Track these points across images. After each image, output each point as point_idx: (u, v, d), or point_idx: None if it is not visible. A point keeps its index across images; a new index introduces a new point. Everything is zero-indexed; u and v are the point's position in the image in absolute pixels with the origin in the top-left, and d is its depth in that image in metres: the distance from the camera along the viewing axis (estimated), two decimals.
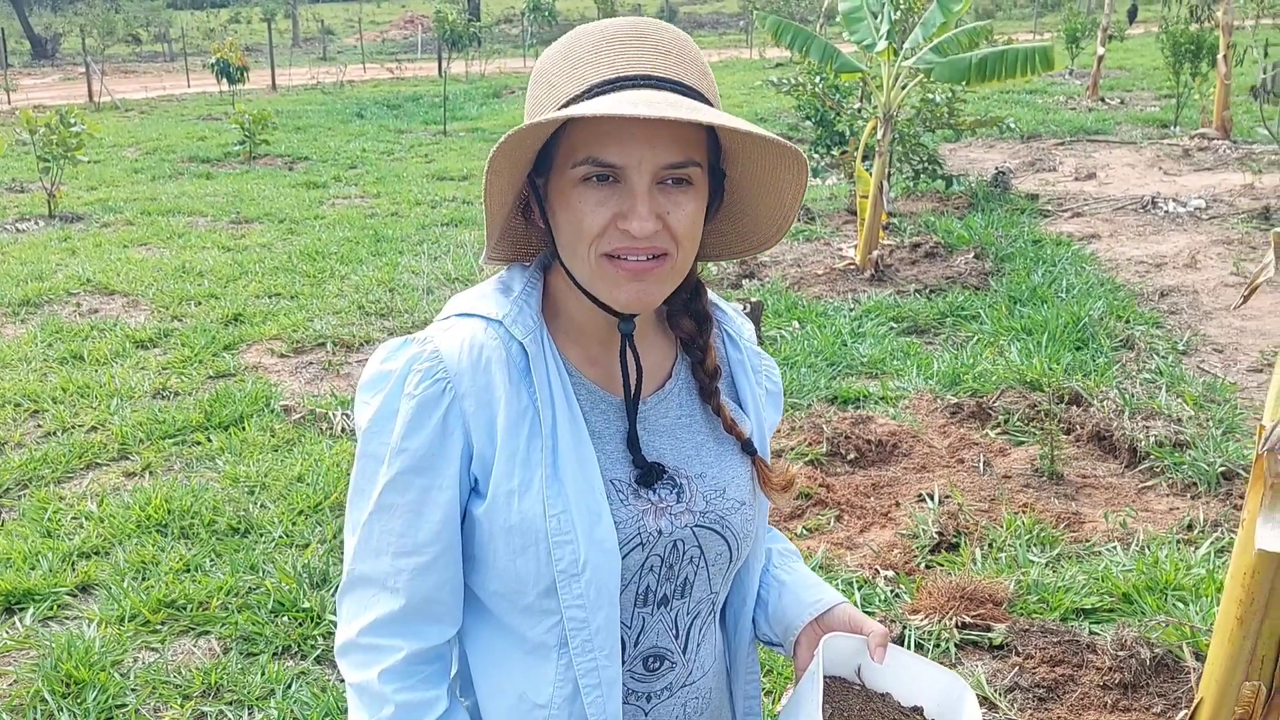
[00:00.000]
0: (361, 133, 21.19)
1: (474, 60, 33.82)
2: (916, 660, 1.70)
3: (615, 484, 1.57)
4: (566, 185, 1.50)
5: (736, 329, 1.78)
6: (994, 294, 9.03)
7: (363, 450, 1.57)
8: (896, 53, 9.82)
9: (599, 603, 1.52)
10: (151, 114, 25.57)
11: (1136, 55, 30.98)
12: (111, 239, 12.03)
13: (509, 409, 1.52)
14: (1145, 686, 4.05)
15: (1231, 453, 5.84)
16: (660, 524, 1.58)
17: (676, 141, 1.47)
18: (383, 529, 1.55)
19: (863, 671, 1.70)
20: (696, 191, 1.51)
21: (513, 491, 1.52)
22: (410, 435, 1.53)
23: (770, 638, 1.80)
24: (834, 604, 1.74)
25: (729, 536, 1.64)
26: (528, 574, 1.53)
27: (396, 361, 1.56)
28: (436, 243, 11.63)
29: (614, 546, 1.53)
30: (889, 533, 5.24)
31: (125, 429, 6.58)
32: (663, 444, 1.63)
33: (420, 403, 1.52)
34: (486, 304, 1.59)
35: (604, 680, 1.55)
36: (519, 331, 1.55)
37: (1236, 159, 15.21)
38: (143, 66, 41.44)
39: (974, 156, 16.57)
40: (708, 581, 1.66)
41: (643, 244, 1.47)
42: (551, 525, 1.50)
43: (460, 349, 1.54)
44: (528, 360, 1.55)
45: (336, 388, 7.38)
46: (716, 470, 1.65)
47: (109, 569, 5.02)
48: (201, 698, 4.15)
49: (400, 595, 1.55)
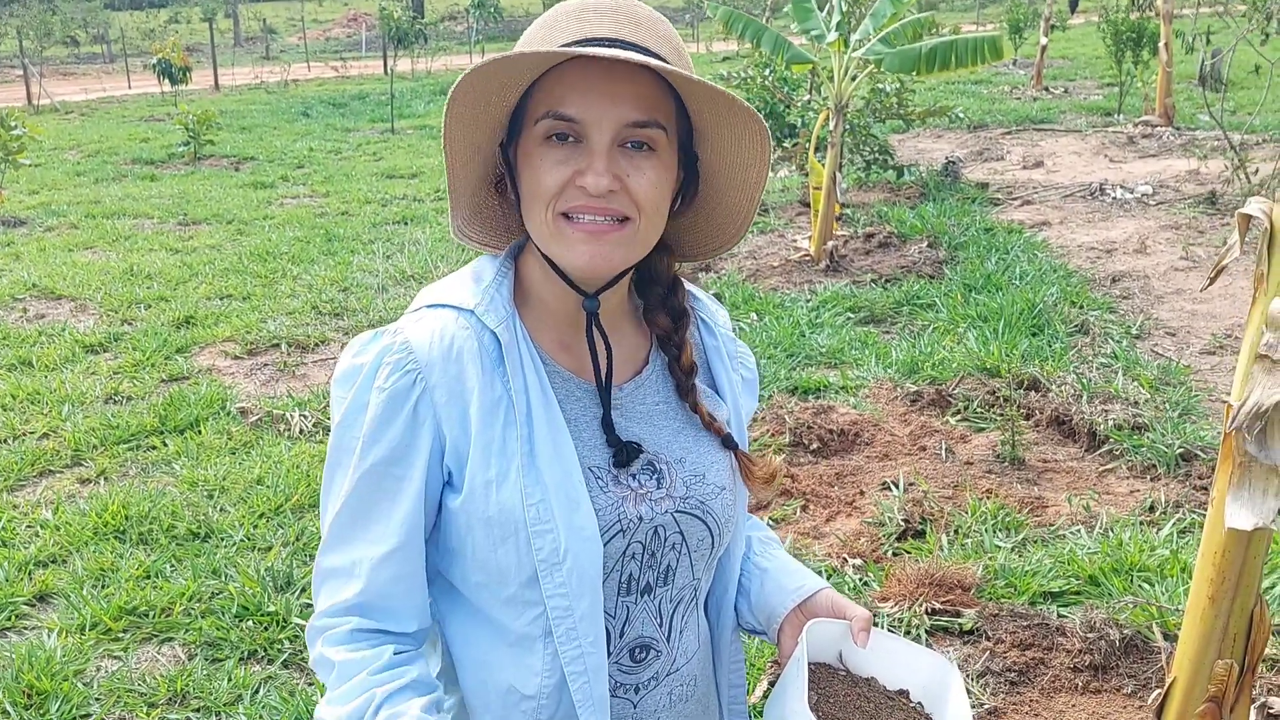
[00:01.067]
0: (308, 132, 21.00)
1: (420, 58, 33.62)
2: (901, 643, 1.69)
3: (594, 470, 1.56)
4: (530, 145, 1.50)
5: (712, 315, 1.78)
6: (949, 282, 9.08)
7: (335, 444, 1.57)
8: (846, 44, 9.85)
9: (581, 591, 1.51)
10: (92, 116, 25.21)
11: (1079, 44, 31.28)
12: (56, 243, 11.85)
13: (482, 399, 1.51)
14: (1115, 667, 4.09)
15: (1189, 434, 5.90)
16: (640, 510, 1.57)
17: (639, 99, 1.47)
18: (354, 518, 1.56)
19: (846, 656, 1.69)
20: (661, 160, 1.51)
21: (490, 482, 1.51)
22: (381, 428, 1.52)
23: (754, 626, 1.80)
24: (817, 589, 1.74)
25: (710, 522, 1.64)
26: (509, 565, 1.52)
27: (367, 355, 1.55)
28: (389, 241, 11.54)
29: (595, 534, 1.52)
30: (855, 521, 5.25)
31: (78, 435, 6.48)
32: (640, 430, 1.62)
33: (390, 395, 1.52)
34: (458, 293, 1.58)
35: (589, 668, 1.54)
36: (491, 320, 1.54)
37: (1180, 145, 15.39)
38: (82, 68, 40.84)
39: (923, 146, 16.66)
40: (690, 568, 1.65)
41: (599, 204, 1.46)
42: (530, 515, 1.49)
43: (431, 340, 1.53)
44: (500, 349, 1.54)
45: (293, 389, 7.30)
46: (696, 455, 1.65)
47: (67, 577, 4.94)
48: (167, 705, 4.09)
49: (359, 581, 1.55)
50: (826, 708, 1.59)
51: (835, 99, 9.97)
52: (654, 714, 1.67)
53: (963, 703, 1.59)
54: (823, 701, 1.59)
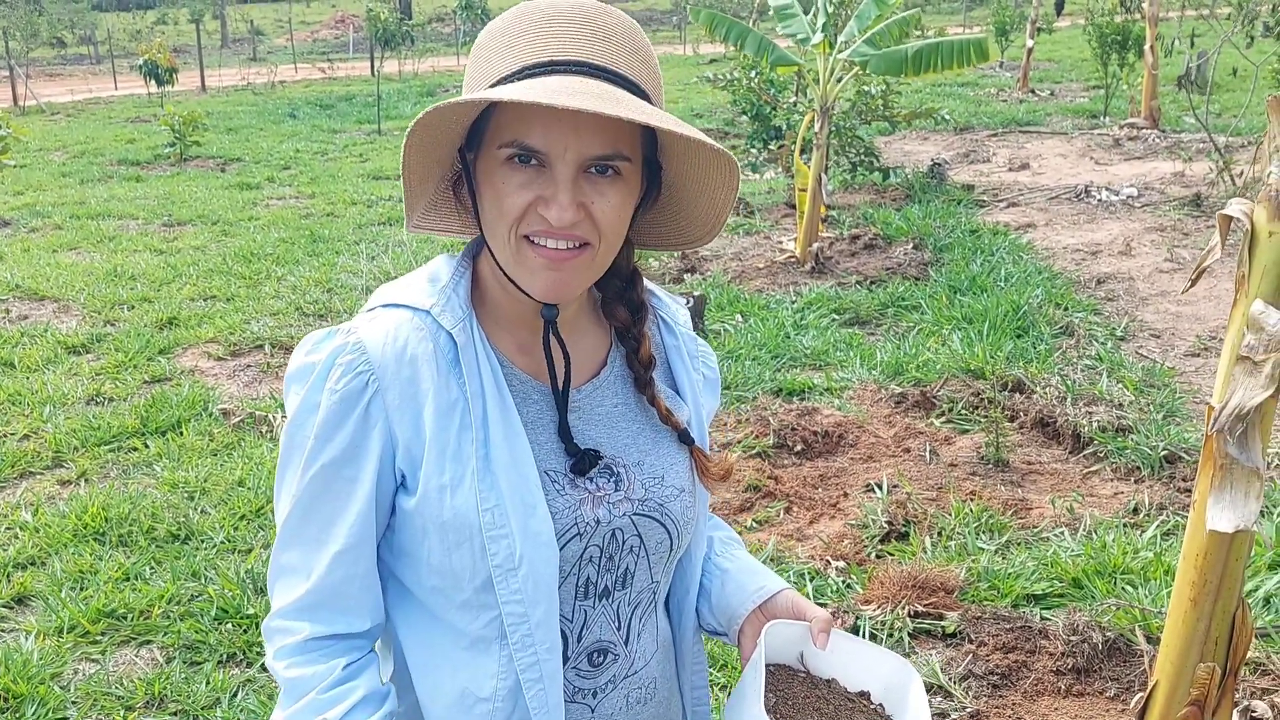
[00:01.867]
0: (294, 133, 20.95)
1: (407, 59, 33.57)
2: (861, 645, 1.68)
3: (550, 474, 1.55)
4: (492, 164, 1.47)
5: (672, 314, 1.76)
6: (934, 284, 9.08)
7: (286, 442, 1.55)
8: (832, 46, 9.84)
9: (537, 598, 1.50)
10: (79, 117, 25.12)
11: (1065, 47, 31.34)
12: (40, 244, 11.79)
13: (437, 401, 1.50)
14: (1098, 670, 4.08)
15: (1173, 436, 5.90)
16: (598, 513, 1.56)
17: (604, 132, 1.43)
18: (304, 519, 1.54)
19: (807, 658, 1.68)
20: (625, 184, 1.48)
21: (444, 487, 1.49)
22: (331, 429, 1.51)
23: (715, 627, 1.78)
24: (777, 591, 1.72)
25: (669, 524, 1.62)
26: (463, 569, 1.51)
27: (320, 354, 1.53)
28: (374, 242, 11.51)
29: (551, 539, 1.50)
30: (838, 523, 5.23)
31: (59, 436, 6.44)
32: (598, 433, 1.61)
33: (342, 397, 1.50)
34: (413, 294, 1.56)
35: (545, 674, 1.53)
36: (447, 321, 1.52)
37: (1166, 148, 15.41)
38: (68, 69, 40.71)
39: (909, 149, 16.68)
40: (649, 571, 1.64)
41: (562, 231, 1.44)
42: (485, 520, 1.48)
43: (385, 340, 1.51)
44: (457, 350, 1.52)
45: (276, 390, 7.27)
46: (654, 458, 1.63)
47: (46, 579, 4.90)
48: (145, 708, 4.06)
49: (311, 581, 1.54)
50: (785, 710, 1.57)
51: (821, 101, 9.97)
52: (610, 717, 1.66)
53: (922, 705, 1.58)
54: (781, 704, 1.58)
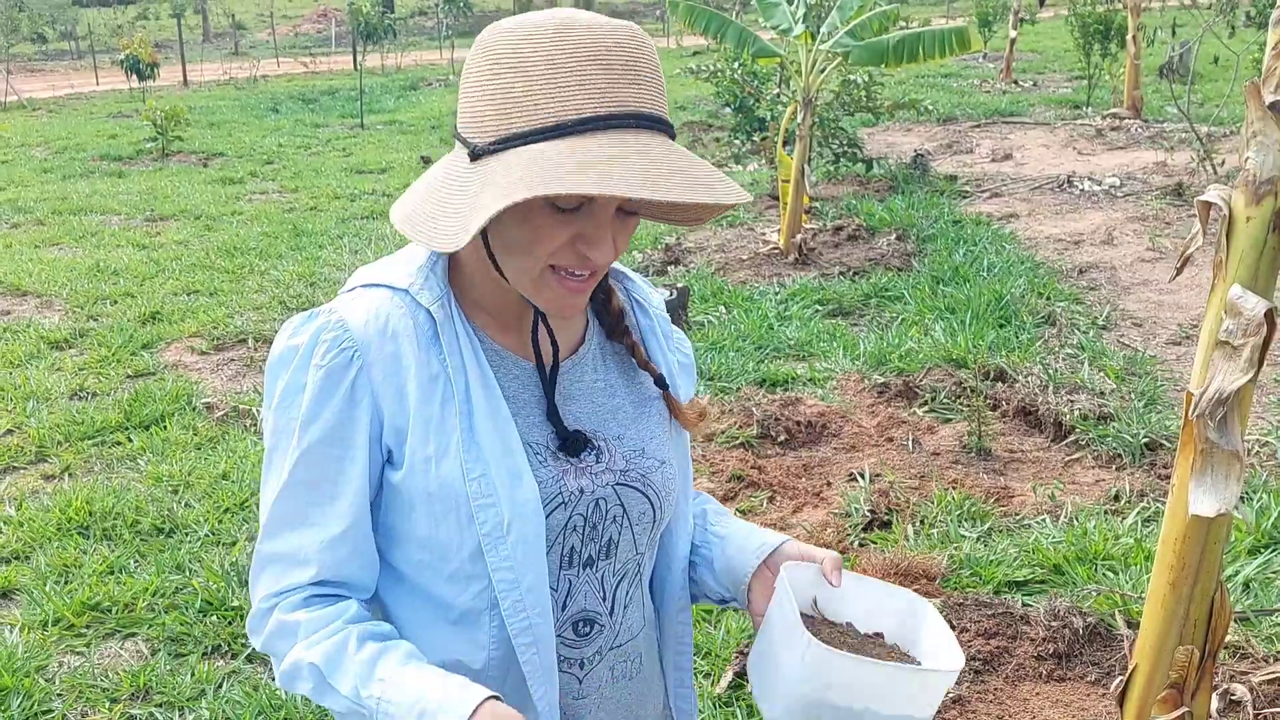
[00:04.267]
0: (277, 128, 20.87)
1: (390, 53, 33.47)
2: (873, 583, 1.69)
3: (533, 446, 1.57)
4: (529, 203, 1.41)
5: (645, 296, 1.79)
6: (917, 274, 9.10)
7: (274, 427, 1.55)
8: (814, 36, 9.85)
9: (527, 563, 1.52)
10: (60, 112, 24.99)
11: (1047, 38, 31.38)
12: (22, 239, 11.74)
13: (419, 376, 1.51)
14: (1079, 655, 4.10)
15: (1154, 424, 5.93)
16: (581, 483, 1.59)
17: None
18: (295, 501, 1.54)
19: (820, 603, 1.68)
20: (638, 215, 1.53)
21: (429, 458, 1.51)
22: (319, 405, 1.51)
23: (721, 594, 1.79)
24: (780, 543, 1.74)
25: (650, 494, 1.65)
26: (450, 540, 1.52)
27: (302, 336, 1.54)
28: (357, 236, 11.50)
29: (538, 506, 1.52)
30: (822, 512, 5.25)
31: (42, 431, 6.43)
32: (579, 409, 1.64)
33: (328, 372, 1.51)
34: (391, 273, 1.58)
35: (538, 638, 1.55)
36: (425, 298, 1.54)
37: (1148, 137, 15.47)
38: (50, 65, 40.48)
39: (892, 140, 16.70)
40: (633, 542, 1.66)
41: (591, 265, 1.47)
42: (472, 489, 1.50)
43: (366, 317, 1.53)
44: (435, 327, 1.54)
45: (259, 384, 7.25)
46: (635, 431, 1.66)
47: (29, 573, 4.90)
48: (130, 700, 4.06)
49: (311, 567, 1.54)
50: None
51: (803, 92, 9.98)
52: (598, 689, 1.68)
53: (941, 630, 1.60)
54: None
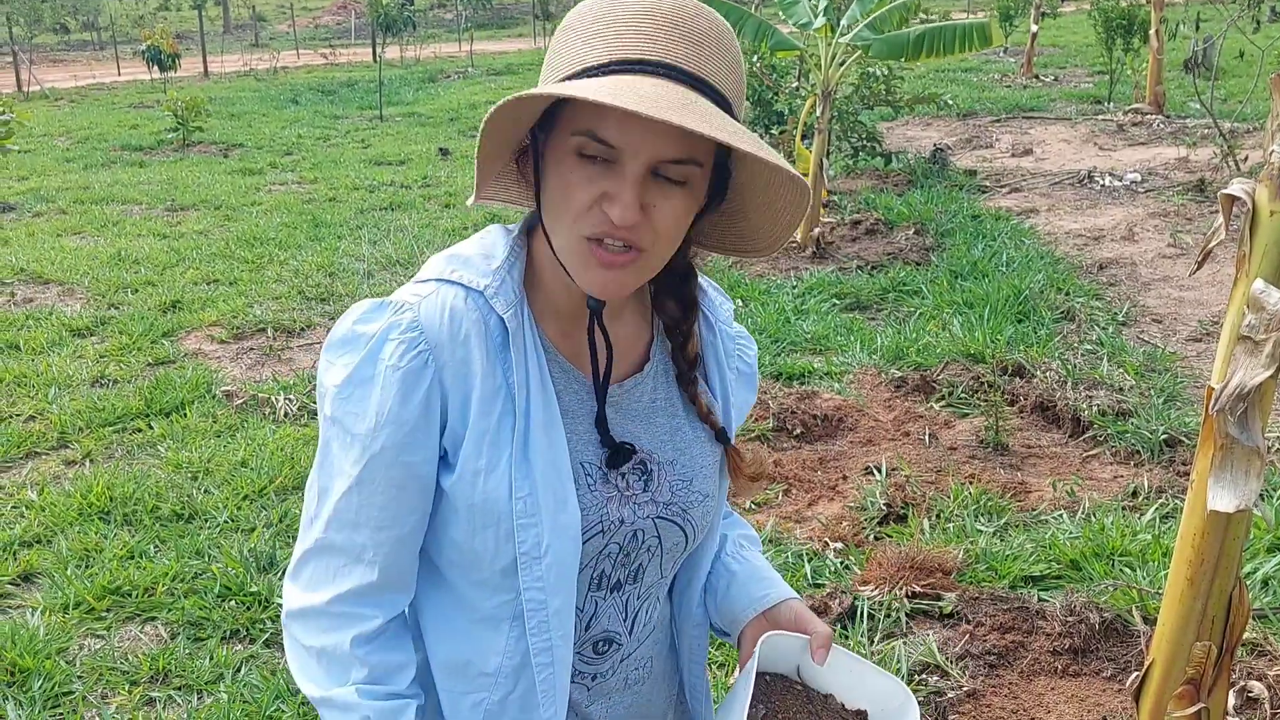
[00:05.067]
0: (297, 119, 20.95)
1: (409, 45, 33.54)
2: (860, 663, 1.65)
3: (585, 466, 1.54)
4: (562, 151, 1.43)
5: (714, 310, 1.73)
6: (935, 269, 9.09)
7: (334, 414, 1.50)
8: (834, 29, 9.83)
9: (558, 587, 1.50)
10: (82, 103, 25.12)
11: (1069, 32, 31.27)
12: (45, 228, 11.82)
13: (483, 386, 1.48)
14: (1095, 651, 4.10)
15: (1174, 420, 5.91)
16: (623, 513, 1.56)
17: (681, 138, 1.39)
18: (363, 502, 1.50)
19: (804, 671, 1.66)
20: (690, 193, 1.45)
21: (479, 471, 1.48)
22: (397, 409, 1.46)
23: (720, 627, 1.79)
24: (781, 600, 1.72)
25: (688, 528, 1.63)
26: (485, 551, 1.51)
27: (372, 325, 1.49)
28: (376, 227, 11.53)
29: (577, 534, 1.50)
30: (837, 505, 5.26)
31: (64, 417, 6.47)
32: (636, 427, 1.60)
33: (404, 375, 1.46)
34: (468, 272, 1.52)
35: (556, 659, 1.54)
36: (500, 305, 1.49)
37: (1170, 133, 15.39)
38: (72, 55, 40.70)
39: (912, 134, 16.66)
40: (659, 567, 1.65)
41: (621, 231, 1.41)
42: (517, 507, 1.47)
43: (440, 319, 1.48)
44: (506, 335, 1.50)
45: (278, 373, 7.30)
46: (686, 459, 1.63)
47: (51, 557, 4.94)
48: (149, 683, 4.09)
49: (375, 568, 1.51)
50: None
51: (823, 85, 9.96)
52: (606, 695, 1.68)
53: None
54: (770, 716, 1.58)
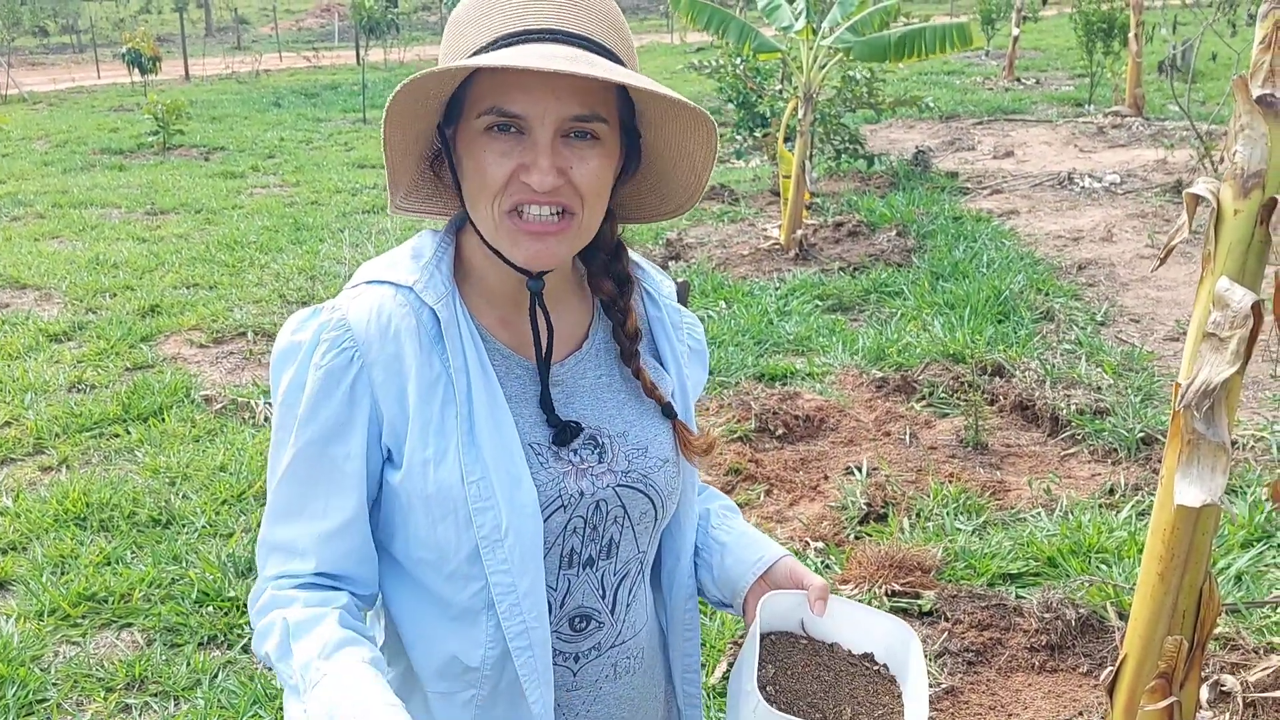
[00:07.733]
0: (279, 122, 20.88)
1: (392, 48, 33.47)
2: (860, 609, 1.68)
3: (534, 447, 1.57)
4: (472, 135, 1.49)
5: (656, 286, 1.77)
6: (916, 270, 9.11)
7: (277, 421, 1.58)
8: (815, 32, 9.85)
9: (524, 567, 1.52)
10: (61, 106, 25.00)
11: (1050, 36, 31.39)
12: (22, 232, 11.76)
13: (420, 377, 1.51)
14: (1071, 647, 4.12)
15: (1150, 419, 5.94)
16: (581, 485, 1.58)
17: (581, 94, 1.46)
18: (290, 496, 1.56)
19: (807, 624, 1.69)
20: (604, 148, 1.50)
21: (428, 461, 1.51)
22: (318, 405, 1.52)
23: (721, 599, 1.80)
24: (775, 560, 1.74)
25: (653, 494, 1.64)
26: (448, 542, 1.53)
27: (306, 332, 1.56)
28: (358, 230, 11.51)
29: (535, 510, 1.52)
30: (818, 505, 5.26)
31: (40, 423, 6.44)
32: (582, 405, 1.63)
33: (327, 372, 1.52)
34: (396, 270, 1.57)
35: (534, 641, 1.55)
36: (430, 297, 1.54)
37: (1149, 135, 15.46)
38: (51, 58, 40.52)
39: (894, 136, 16.70)
40: (634, 541, 1.65)
41: (545, 197, 1.46)
42: (471, 492, 1.50)
43: (369, 317, 1.53)
44: (439, 326, 1.53)
45: (258, 377, 7.27)
46: (638, 430, 1.65)
47: (26, 564, 4.91)
48: (125, 690, 4.08)
49: (310, 559, 1.56)
50: (784, 680, 1.58)
51: (805, 87, 9.98)
52: (595, 684, 1.68)
53: (921, 671, 1.59)
54: (780, 673, 1.59)
